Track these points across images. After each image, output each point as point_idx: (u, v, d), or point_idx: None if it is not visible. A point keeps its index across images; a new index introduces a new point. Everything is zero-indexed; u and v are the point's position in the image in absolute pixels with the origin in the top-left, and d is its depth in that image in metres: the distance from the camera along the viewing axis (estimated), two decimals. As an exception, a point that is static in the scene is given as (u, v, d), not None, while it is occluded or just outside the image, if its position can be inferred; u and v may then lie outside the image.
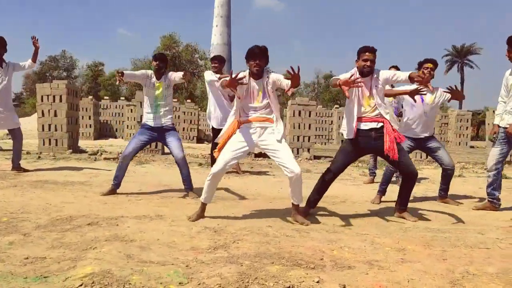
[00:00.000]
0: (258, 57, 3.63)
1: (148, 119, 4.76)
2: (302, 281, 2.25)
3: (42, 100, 8.66)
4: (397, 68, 6.17)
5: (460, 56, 50.16)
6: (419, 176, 6.96)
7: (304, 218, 3.71)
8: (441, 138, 17.21)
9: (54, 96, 8.67)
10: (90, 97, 16.16)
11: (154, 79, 4.73)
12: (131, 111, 14.87)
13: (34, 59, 5.95)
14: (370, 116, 3.81)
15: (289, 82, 3.54)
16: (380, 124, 3.77)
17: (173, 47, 44.62)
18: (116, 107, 16.29)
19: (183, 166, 4.72)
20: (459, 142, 16.65)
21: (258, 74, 3.68)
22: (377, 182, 5.92)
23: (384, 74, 3.80)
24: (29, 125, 16.73)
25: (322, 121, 16.39)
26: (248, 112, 3.75)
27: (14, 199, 4.11)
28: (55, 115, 8.67)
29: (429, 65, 4.63)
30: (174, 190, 5.10)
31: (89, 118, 15.26)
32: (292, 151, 9.56)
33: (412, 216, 3.97)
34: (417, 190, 5.80)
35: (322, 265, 2.58)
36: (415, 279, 2.40)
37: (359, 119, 3.82)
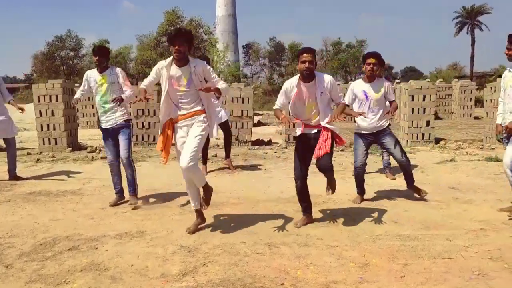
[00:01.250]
0: (177, 42, 3.52)
1: (101, 120, 4.80)
2: (253, 316, 2.40)
3: (39, 101, 8.82)
4: (382, 65, 6.11)
5: (470, 17, 48.69)
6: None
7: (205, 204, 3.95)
8: (445, 110, 17.09)
9: (50, 96, 8.81)
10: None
11: (96, 75, 4.72)
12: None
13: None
14: (311, 123, 3.90)
15: (214, 86, 3.62)
16: (319, 130, 3.87)
17: (176, 22, 44.29)
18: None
19: (127, 167, 4.75)
20: (463, 114, 16.47)
21: (180, 60, 3.60)
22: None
23: (326, 81, 3.81)
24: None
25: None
26: (176, 101, 3.73)
27: (5, 218, 4.32)
28: (53, 114, 8.84)
29: (372, 60, 4.60)
30: (162, 195, 5.26)
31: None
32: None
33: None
34: (403, 182, 5.86)
35: (280, 292, 2.74)
36: (364, 306, 2.54)
37: (305, 125, 3.93)
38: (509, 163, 4.17)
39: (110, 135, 4.80)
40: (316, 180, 4.62)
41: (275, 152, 8.82)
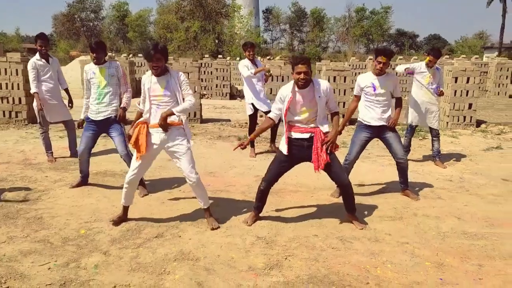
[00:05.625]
0: (154, 59, 3.65)
1: (91, 110, 4.79)
2: (353, 318, 2.59)
3: None
4: (438, 57, 6.07)
5: (504, -14, 46.64)
6: (454, 150, 7.11)
7: (214, 221, 3.95)
8: (479, 87, 16.74)
9: (11, 70, 8.78)
10: (124, 55, 16.33)
11: (95, 67, 4.76)
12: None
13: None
14: (304, 126, 3.85)
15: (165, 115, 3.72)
16: (312, 135, 3.82)
17: (198, -15, 43.40)
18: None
19: (127, 161, 4.72)
20: (498, 92, 16.15)
21: (157, 73, 3.74)
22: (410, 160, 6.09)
23: (323, 86, 3.80)
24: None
25: (357, 73, 16.12)
26: (152, 109, 3.81)
27: (83, 201, 4.57)
28: (13, 88, 8.85)
29: (383, 59, 4.55)
30: (220, 178, 5.44)
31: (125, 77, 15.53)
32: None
33: (360, 223, 4.04)
34: (454, 172, 5.95)
35: (369, 291, 2.92)
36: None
37: (292, 128, 3.87)
38: None
39: (97, 127, 4.81)
40: (373, 169, 4.72)
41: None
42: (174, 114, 3.77)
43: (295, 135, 3.87)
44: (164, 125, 3.74)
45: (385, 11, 52.45)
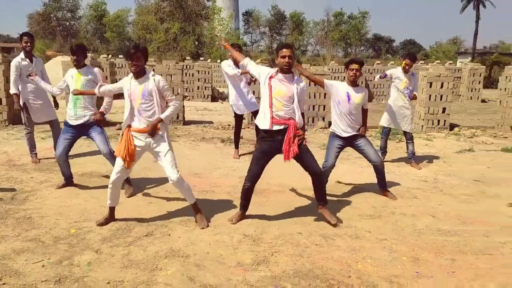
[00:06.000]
0: (134, 58, 3.77)
1: (69, 116, 4.86)
2: (337, 308, 2.77)
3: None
4: (414, 61, 6.39)
5: (477, -6, 48.27)
6: (429, 153, 7.43)
7: (202, 219, 4.08)
8: (453, 92, 17.34)
9: None
10: (104, 56, 16.25)
11: (74, 71, 4.89)
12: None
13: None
14: (282, 115, 3.96)
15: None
16: (286, 126, 3.96)
17: (178, -14, 43.28)
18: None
19: (111, 160, 4.82)
20: (471, 97, 16.78)
21: (137, 73, 3.85)
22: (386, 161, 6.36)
23: (301, 83, 4.04)
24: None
25: (335, 77, 16.46)
26: (133, 115, 3.93)
27: (71, 201, 4.63)
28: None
29: (355, 66, 4.76)
30: (205, 179, 5.57)
31: (106, 78, 15.44)
32: (307, 121, 9.96)
33: (332, 216, 4.23)
34: (429, 173, 6.24)
35: (351, 284, 3.10)
36: (428, 300, 2.92)
37: (274, 120, 3.96)
38: None
39: (76, 131, 4.88)
40: (352, 170, 4.93)
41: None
42: (163, 121, 3.91)
43: (274, 126, 3.98)
44: (153, 133, 3.86)
45: (363, 16, 53.52)
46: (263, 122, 4.02)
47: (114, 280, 3.04)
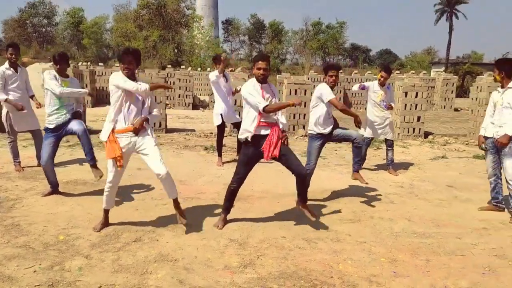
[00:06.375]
0: (126, 61, 3.89)
1: (49, 121, 4.95)
2: (321, 306, 2.94)
3: None
4: (389, 74, 6.71)
5: (450, 6, 49.91)
6: (405, 160, 7.73)
7: (182, 215, 4.19)
8: (427, 101, 17.92)
9: None
10: (84, 63, 16.16)
11: (59, 79, 5.01)
12: (127, 79, 15.10)
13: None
14: (266, 121, 4.15)
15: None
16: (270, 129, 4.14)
17: (158, -5, 43.29)
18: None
19: (84, 138, 4.92)
20: (444, 106, 17.37)
21: (128, 76, 3.96)
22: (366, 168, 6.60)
23: (275, 88, 4.37)
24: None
25: (314, 86, 16.77)
26: (118, 116, 3.99)
27: (58, 209, 4.68)
28: None
29: (334, 72, 5.04)
30: (190, 186, 5.69)
31: (86, 86, 15.37)
32: (288, 129, 10.18)
33: (313, 213, 4.42)
34: (405, 179, 6.51)
35: (333, 284, 3.28)
36: (405, 297, 3.12)
37: (262, 124, 4.13)
38: (489, 173, 4.96)
39: (56, 131, 4.97)
40: (332, 176, 5.14)
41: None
42: (148, 120, 4.06)
43: (260, 130, 4.14)
44: (139, 129, 3.97)
45: (340, 26, 54.48)
46: (250, 127, 4.16)
47: (105, 284, 3.13)
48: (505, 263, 3.76)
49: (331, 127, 5.12)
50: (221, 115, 6.93)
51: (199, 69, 27.05)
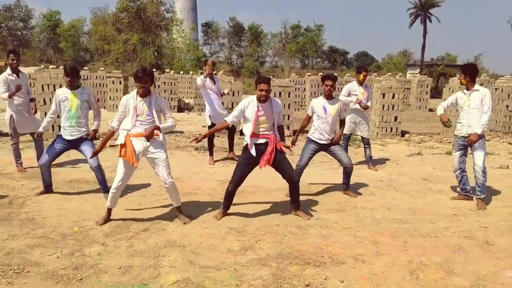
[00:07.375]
0: (143, 81, 4.26)
1: (64, 131, 5.22)
2: (315, 278, 3.41)
3: None
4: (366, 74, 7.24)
5: (424, 9, 51.43)
6: (383, 156, 8.30)
7: (185, 218, 4.61)
8: (404, 102, 18.69)
9: None
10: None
11: (67, 92, 5.19)
12: (113, 83, 15.32)
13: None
14: (264, 133, 4.66)
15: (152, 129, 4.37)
16: (267, 140, 4.64)
17: (137, -1, 43.28)
18: (96, 78, 16.57)
19: (97, 172, 5.25)
20: (419, 106, 18.18)
21: (143, 94, 4.35)
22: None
23: (278, 104, 4.79)
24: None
25: (296, 88, 17.36)
26: (135, 124, 4.39)
27: (67, 205, 5.02)
28: None
29: (329, 82, 5.44)
30: (186, 183, 6.09)
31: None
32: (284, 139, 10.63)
33: (306, 215, 4.89)
34: (384, 174, 7.06)
35: (324, 261, 3.75)
36: (386, 271, 3.61)
37: (256, 136, 4.63)
38: (481, 165, 5.42)
39: (69, 144, 5.24)
40: (318, 172, 5.61)
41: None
42: (159, 129, 4.42)
43: (256, 140, 4.66)
44: (150, 136, 4.37)
45: (318, 29, 55.44)
46: (247, 136, 4.67)
47: (124, 265, 3.53)
48: (473, 243, 4.30)
49: (325, 140, 5.53)
50: (214, 116, 7.35)
51: (181, 72, 27.32)
